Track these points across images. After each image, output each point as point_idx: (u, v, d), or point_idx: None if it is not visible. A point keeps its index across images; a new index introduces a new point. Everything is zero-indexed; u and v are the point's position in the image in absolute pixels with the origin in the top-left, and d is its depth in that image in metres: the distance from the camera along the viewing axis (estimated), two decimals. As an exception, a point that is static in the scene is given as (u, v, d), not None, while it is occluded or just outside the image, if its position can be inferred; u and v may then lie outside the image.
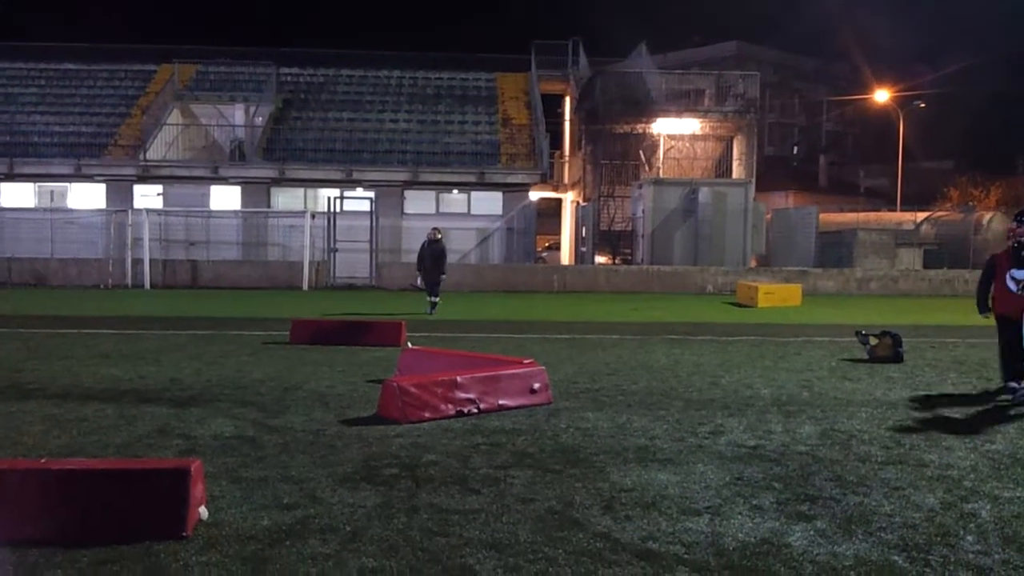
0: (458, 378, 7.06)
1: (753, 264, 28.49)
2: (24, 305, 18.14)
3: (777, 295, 20.30)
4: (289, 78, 34.43)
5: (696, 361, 10.52)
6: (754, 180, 30.43)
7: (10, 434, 6.25)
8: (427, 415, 6.75)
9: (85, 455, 5.57)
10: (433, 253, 17.06)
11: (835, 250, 28.83)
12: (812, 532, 4.32)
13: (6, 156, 28.74)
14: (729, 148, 33.14)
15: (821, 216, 29.31)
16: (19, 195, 29.14)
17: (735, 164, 32.72)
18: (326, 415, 7.00)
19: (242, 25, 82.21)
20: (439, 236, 17.38)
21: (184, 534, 4.09)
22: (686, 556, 4.00)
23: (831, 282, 25.83)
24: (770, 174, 46.41)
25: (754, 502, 4.81)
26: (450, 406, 6.91)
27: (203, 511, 4.33)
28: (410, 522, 4.41)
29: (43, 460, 4.79)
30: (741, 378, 9.21)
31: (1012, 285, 7.97)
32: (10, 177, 28.81)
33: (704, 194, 27.73)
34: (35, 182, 29.35)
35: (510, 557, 3.96)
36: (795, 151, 62.49)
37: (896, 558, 4.00)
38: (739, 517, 4.55)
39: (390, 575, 3.74)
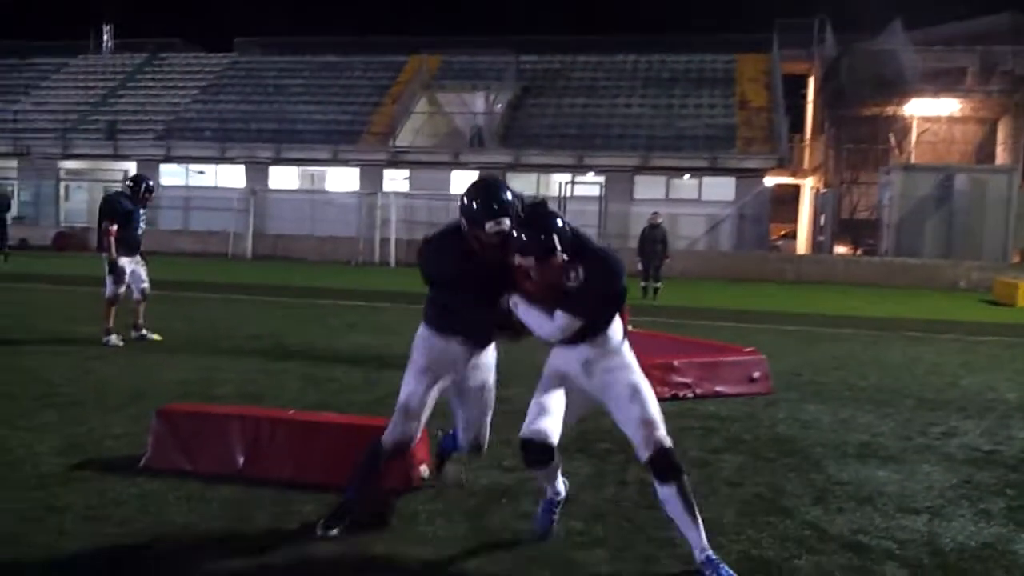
0: (675, 362, 7.15)
1: (1016, 259, 25.98)
2: (288, 278, 20.16)
3: (1042, 294, 18.45)
4: (528, 65, 35.40)
5: (935, 360, 9.89)
6: (1021, 166, 27.68)
7: (273, 389, 7.10)
8: (643, 396, 6.88)
9: (333, 410, 6.23)
10: (654, 237, 17.15)
11: (1117, 246, 25.68)
12: (1044, 542, 4.06)
13: (274, 142, 31.85)
14: (993, 131, 30.32)
15: (1103, 207, 26.16)
16: (285, 178, 32.23)
17: (999, 149, 29.93)
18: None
19: (484, 13, 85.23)
20: (660, 220, 17.48)
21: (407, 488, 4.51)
22: (898, 552, 3.91)
23: (1110, 281, 23.02)
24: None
25: (981, 506, 4.56)
26: (666, 389, 7.01)
27: (424, 469, 4.76)
28: (619, 493, 4.61)
29: (291, 412, 5.42)
30: (985, 380, 8.58)
31: None
32: (277, 161, 31.90)
33: (961, 181, 25.64)
34: (298, 166, 32.32)
35: (714, 536, 4.04)
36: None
37: None
38: (961, 520, 4.35)
39: (596, 538, 3.96)
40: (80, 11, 61.51)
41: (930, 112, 30.41)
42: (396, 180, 30.81)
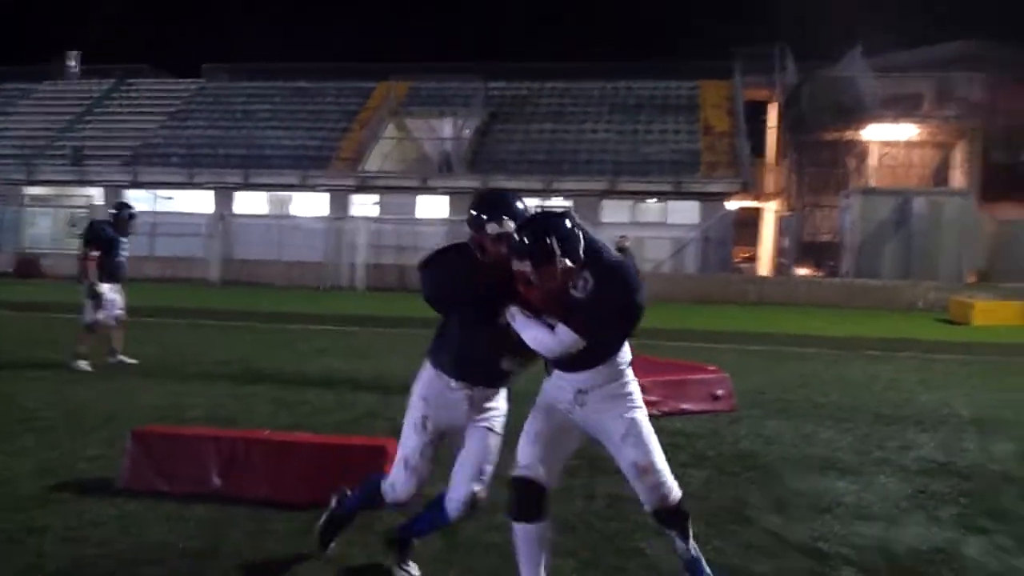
0: (641, 380, 7.31)
1: (972, 280, 26.61)
2: (255, 303, 20.11)
3: (995, 313, 18.95)
4: (495, 91, 35.69)
5: (893, 377, 10.18)
6: (975, 190, 28.44)
7: (245, 412, 7.16)
8: (611, 414, 7.03)
9: (307, 431, 6.31)
10: None
11: (1070, 267, 26.37)
12: (991, 546, 4.27)
13: (242, 168, 31.79)
14: (949, 155, 31.14)
15: (1055, 229, 26.93)
16: (252, 203, 32.15)
17: (955, 172, 30.71)
18: (518, 409, 7.45)
19: (452, 40, 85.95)
20: (627, 243, 17.57)
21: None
22: (854, 558, 4.09)
23: (1063, 301, 23.63)
24: (998, 183, 42.85)
25: (934, 513, 4.78)
26: (633, 407, 7.18)
27: None
28: (587, 506, 4.76)
29: (266, 432, 5.51)
30: (940, 396, 8.86)
31: None
32: (245, 186, 31.83)
33: (918, 204, 26.28)
34: (267, 191, 32.27)
35: (679, 545, 4.21)
36: (1028, 158, 57.19)
37: (1081, 578, 3.90)
38: (915, 526, 4.55)
39: (566, 549, 4.10)
40: (47, 37, 61.16)
41: (889, 137, 31.17)
42: (365, 205, 30.90)
